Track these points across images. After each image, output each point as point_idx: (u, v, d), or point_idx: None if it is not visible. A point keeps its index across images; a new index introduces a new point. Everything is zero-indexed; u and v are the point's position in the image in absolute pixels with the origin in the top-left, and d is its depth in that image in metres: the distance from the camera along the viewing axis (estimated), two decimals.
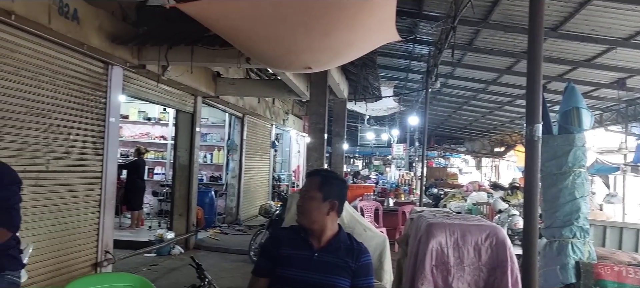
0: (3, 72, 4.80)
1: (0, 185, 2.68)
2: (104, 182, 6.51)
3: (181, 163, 9.68)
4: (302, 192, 2.59)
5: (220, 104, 10.77)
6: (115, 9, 6.36)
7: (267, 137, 15.28)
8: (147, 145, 11.77)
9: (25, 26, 4.88)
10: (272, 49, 4.55)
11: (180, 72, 7.76)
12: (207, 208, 11.11)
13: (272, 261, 2.49)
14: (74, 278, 5.77)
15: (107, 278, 3.07)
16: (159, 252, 8.66)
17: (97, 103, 6.35)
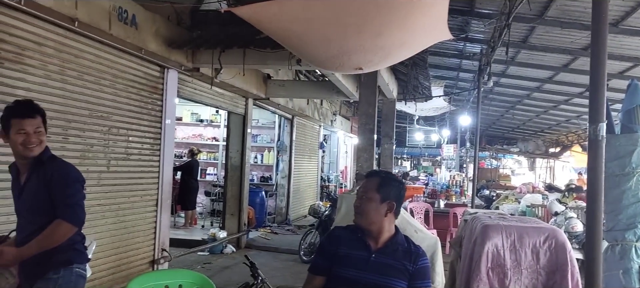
0: (68, 77, 5.06)
1: (65, 183, 2.77)
2: (160, 182, 6.74)
3: (233, 164, 9.89)
4: (359, 192, 2.60)
5: (270, 106, 10.94)
6: (171, 14, 6.57)
7: (316, 138, 15.37)
8: (199, 146, 12.09)
9: (88, 32, 5.10)
10: (323, 50, 4.58)
11: (232, 75, 7.94)
12: (258, 208, 11.29)
13: (329, 260, 2.51)
14: (132, 274, 6.01)
15: (169, 274, 3.18)
16: (212, 251, 8.88)
17: (154, 105, 6.59)
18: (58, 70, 4.92)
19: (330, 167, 18.72)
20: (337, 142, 19.22)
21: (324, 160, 17.63)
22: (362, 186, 2.62)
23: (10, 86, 4.37)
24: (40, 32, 4.64)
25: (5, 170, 3.24)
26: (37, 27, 4.60)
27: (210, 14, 7.12)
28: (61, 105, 4.96)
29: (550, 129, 19.48)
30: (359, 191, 2.62)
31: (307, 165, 14.59)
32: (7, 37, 4.30)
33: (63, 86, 4.99)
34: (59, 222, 2.72)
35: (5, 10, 4.22)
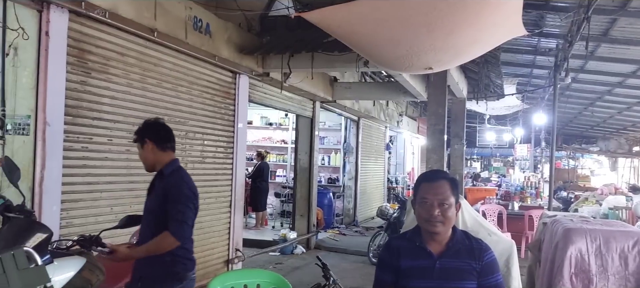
0: (148, 85, 5.34)
1: (178, 200, 3.04)
2: (233, 184, 6.96)
3: (302, 166, 10.03)
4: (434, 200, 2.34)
5: (336, 108, 11.01)
6: (242, 21, 6.78)
7: (382, 139, 15.28)
8: (268, 149, 12.38)
9: (166, 42, 5.37)
10: (392, 51, 4.56)
11: (300, 79, 8.06)
12: (326, 210, 11.38)
13: (393, 273, 2.39)
14: (209, 273, 6.25)
15: (247, 274, 3.28)
16: (283, 251, 9.05)
17: (227, 110, 6.82)
18: (139, 79, 5.21)
19: (397, 168, 18.53)
20: (404, 143, 18.99)
21: (390, 162, 17.47)
22: (433, 193, 2.36)
23: (97, 94, 4.68)
24: (122, 43, 4.93)
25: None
26: (120, 38, 4.89)
27: (279, 19, 7.28)
28: (142, 112, 5.23)
29: (634, 127, 18.21)
30: (432, 199, 2.35)
31: (373, 167, 14.52)
32: (94, 48, 4.61)
33: (144, 93, 5.28)
34: (167, 235, 2.98)
35: (92, 24, 4.52)
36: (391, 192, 15.85)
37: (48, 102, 4.02)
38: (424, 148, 20.18)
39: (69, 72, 4.28)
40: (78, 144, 4.47)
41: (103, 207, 4.72)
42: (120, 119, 4.95)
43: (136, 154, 4.56)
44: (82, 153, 4.53)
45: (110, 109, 4.80)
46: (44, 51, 4.00)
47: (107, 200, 4.75)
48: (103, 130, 4.76)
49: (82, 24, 4.40)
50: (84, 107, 4.50)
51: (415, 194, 2.40)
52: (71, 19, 4.24)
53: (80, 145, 4.50)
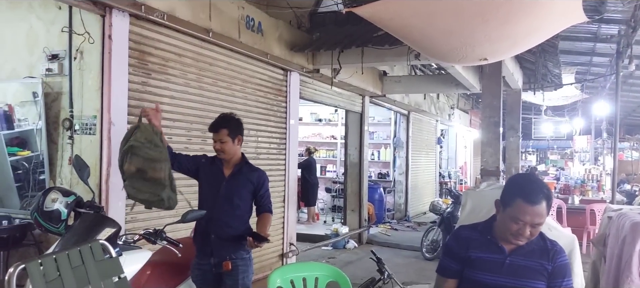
0: (204, 84, 5.49)
1: (267, 187, 3.65)
2: (286, 179, 7.06)
3: (352, 161, 10.04)
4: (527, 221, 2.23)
5: (386, 102, 10.93)
6: (292, 19, 6.86)
7: (432, 133, 15.05)
8: (318, 145, 12.46)
9: (220, 41, 5.50)
10: (446, 43, 4.49)
11: (350, 74, 8.07)
12: (377, 205, 11.34)
13: (459, 263, 2.41)
14: (264, 267, 6.39)
15: (306, 267, 3.35)
16: (335, 246, 9.10)
17: (279, 107, 6.92)
18: (196, 78, 5.37)
19: (449, 162, 18.20)
20: (455, 136, 18.61)
21: (442, 156, 17.18)
22: (529, 216, 2.22)
23: (157, 94, 4.85)
24: (180, 44, 5.10)
25: None
26: (177, 39, 5.06)
27: (328, 16, 7.31)
28: (200, 110, 5.40)
29: None
30: (528, 220, 2.23)
31: (424, 161, 14.33)
32: (153, 50, 4.79)
33: (200, 92, 5.44)
34: (268, 214, 3.58)
35: (151, 27, 4.70)
36: (443, 186, 15.60)
37: (112, 103, 4.21)
38: (476, 142, 19.76)
39: (131, 73, 4.46)
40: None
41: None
42: (179, 117, 5.12)
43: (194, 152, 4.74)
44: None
45: (169, 108, 4.97)
46: (107, 54, 4.19)
47: None
48: (164, 129, 4.85)
49: (142, 26, 4.58)
50: (145, 106, 4.67)
51: (507, 202, 2.27)
52: (132, 22, 4.41)
53: None
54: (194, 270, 3.57)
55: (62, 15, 4.31)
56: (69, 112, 4.31)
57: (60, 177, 4.40)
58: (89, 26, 4.14)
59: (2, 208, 4.85)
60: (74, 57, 4.23)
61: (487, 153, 6.99)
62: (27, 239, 4.45)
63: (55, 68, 4.34)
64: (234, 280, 3.50)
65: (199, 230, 3.58)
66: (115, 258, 1.96)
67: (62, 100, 4.38)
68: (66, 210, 3.05)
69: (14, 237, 4.33)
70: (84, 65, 4.23)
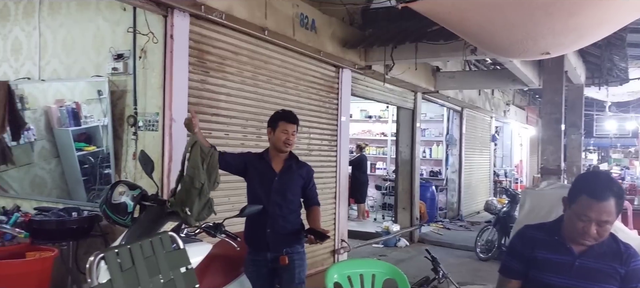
0: (259, 82, 5.58)
1: (313, 181, 3.73)
2: (338, 176, 7.08)
3: (403, 159, 9.95)
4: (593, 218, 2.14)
5: (438, 99, 10.76)
6: (345, 15, 6.85)
7: (487, 130, 14.68)
8: (368, 142, 12.42)
9: (275, 39, 5.57)
10: (506, 37, 4.36)
11: (402, 70, 7.98)
12: (429, 203, 11.20)
13: (524, 263, 2.32)
14: (316, 263, 6.43)
15: (363, 264, 3.36)
16: (386, 243, 9.05)
17: (330, 104, 6.94)
18: (251, 76, 5.46)
19: (504, 160, 17.70)
20: (511, 134, 18.07)
21: (496, 154, 16.73)
22: (596, 213, 2.13)
23: (215, 92, 4.98)
24: (236, 42, 5.20)
25: None
26: (234, 38, 5.16)
27: (380, 11, 7.25)
28: (255, 108, 5.49)
29: None
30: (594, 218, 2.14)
31: (478, 159, 14.00)
32: (212, 49, 4.92)
33: (255, 90, 5.53)
34: (318, 208, 3.69)
35: (210, 26, 4.82)
36: (498, 185, 15.19)
37: (173, 100, 4.36)
38: (533, 139, 19.10)
39: (191, 71, 4.60)
40: None
41: (221, 196, 5.01)
42: (235, 114, 5.23)
43: (250, 148, 4.84)
44: None
45: (226, 105, 5.09)
46: (169, 53, 4.33)
47: (224, 191, 5.03)
48: (220, 125, 5.06)
49: (201, 26, 4.70)
50: (203, 104, 4.82)
51: (573, 198, 2.20)
52: (192, 22, 4.54)
53: None
54: (248, 266, 3.62)
55: (127, 16, 4.49)
56: (133, 109, 4.49)
57: (124, 171, 4.59)
58: (152, 26, 4.29)
59: (70, 200, 5.12)
60: (138, 56, 4.40)
61: (547, 152, 6.74)
62: (94, 230, 4.67)
63: (121, 67, 4.53)
64: (291, 274, 3.54)
65: (254, 225, 3.63)
66: (182, 249, 2.03)
67: (126, 98, 4.57)
68: (132, 203, 3.17)
69: (82, 228, 4.55)
70: (147, 64, 4.40)
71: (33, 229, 4.45)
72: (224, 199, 5.06)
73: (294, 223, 3.62)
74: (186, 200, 2.92)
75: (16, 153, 5.49)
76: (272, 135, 3.62)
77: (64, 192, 5.29)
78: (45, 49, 5.19)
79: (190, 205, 2.93)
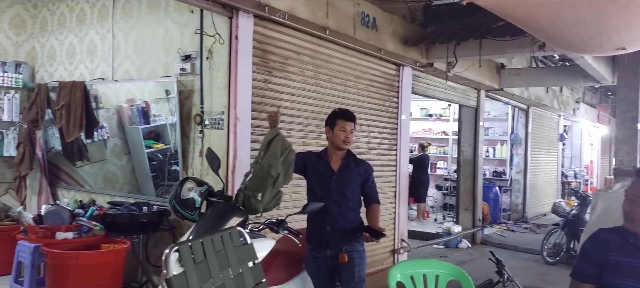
0: (320, 81, 5.62)
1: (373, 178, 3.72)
2: (398, 175, 7.01)
3: (465, 158, 9.72)
4: (630, 195, 2.28)
5: (503, 97, 10.42)
6: (406, 13, 6.78)
7: (554, 130, 14.07)
8: (429, 141, 12.22)
9: (336, 38, 5.59)
10: (578, 32, 4.16)
11: (465, 67, 7.80)
12: (492, 204, 10.88)
13: (597, 267, 2.26)
14: (375, 262, 6.41)
15: (426, 264, 3.32)
16: (447, 244, 8.88)
17: (391, 103, 6.88)
18: (312, 75, 5.51)
19: (572, 161, 16.89)
20: (580, 133, 17.21)
21: (565, 154, 16.00)
22: (632, 188, 2.28)
23: (277, 91, 5.07)
24: (298, 42, 5.27)
25: None
26: (296, 38, 5.23)
27: (443, 8, 7.13)
28: (316, 106, 5.54)
29: None
30: (629, 193, 2.29)
31: (545, 159, 13.45)
32: (275, 49, 5.00)
33: (316, 89, 5.57)
34: (377, 205, 3.67)
35: (273, 26, 4.91)
36: (566, 187, 14.53)
37: (238, 100, 4.47)
38: (605, 139, 18.11)
39: (255, 71, 4.70)
40: (263, 136, 4.88)
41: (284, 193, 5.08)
42: (297, 113, 5.30)
43: (311, 146, 4.89)
44: None
45: (288, 104, 5.17)
46: (234, 54, 4.45)
47: (287, 188, 5.09)
48: (283, 124, 5.10)
49: (265, 26, 4.80)
50: (266, 103, 4.91)
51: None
52: (255, 23, 4.65)
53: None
54: (309, 262, 3.66)
55: (194, 18, 4.66)
56: (200, 108, 4.65)
57: (191, 168, 4.77)
58: (218, 28, 4.43)
59: (140, 195, 5.37)
60: (205, 57, 4.55)
61: (622, 152, 6.38)
62: (163, 224, 4.88)
63: (188, 67, 4.71)
64: (350, 272, 3.55)
65: (314, 223, 3.67)
66: (250, 244, 2.09)
67: (193, 97, 4.74)
68: (200, 199, 3.30)
69: (152, 222, 4.78)
70: (214, 65, 4.54)
71: (107, 222, 4.72)
72: (286, 196, 5.09)
73: (353, 221, 3.63)
74: (260, 187, 3.01)
75: (91, 150, 5.84)
76: (330, 134, 3.64)
77: (134, 187, 5.56)
78: (118, 51, 5.48)
79: (263, 192, 3.02)
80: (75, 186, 5.96)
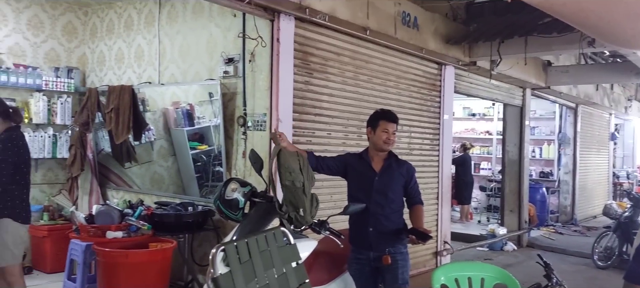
0: (360, 81, 5.61)
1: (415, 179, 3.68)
2: (440, 176, 6.91)
3: (510, 159, 9.49)
4: None
5: (550, 95, 10.10)
6: (448, 11, 6.68)
7: (605, 129, 13.54)
8: (472, 141, 11.99)
9: (376, 39, 5.56)
10: (630, 27, 3.98)
11: (509, 65, 7.62)
12: (539, 206, 10.55)
13: None
14: (417, 264, 6.34)
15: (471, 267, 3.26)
16: (492, 247, 8.67)
17: (432, 102, 6.79)
18: (352, 76, 5.51)
19: (624, 161, 16.20)
20: (633, 132, 16.49)
21: (616, 154, 15.36)
22: None
23: (318, 93, 5.09)
24: (338, 43, 5.27)
25: None
26: (336, 39, 5.24)
27: (486, 5, 6.98)
28: (356, 107, 5.53)
29: None
30: None
31: (595, 159, 12.95)
32: (315, 50, 5.03)
33: (356, 90, 5.56)
34: (421, 206, 3.64)
35: (314, 28, 4.93)
36: (618, 188, 13.94)
37: (280, 101, 4.52)
38: None
39: (296, 73, 4.74)
40: (304, 137, 4.93)
41: (325, 194, 5.11)
42: (337, 114, 5.31)
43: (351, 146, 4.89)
44: (307, 146, 4.94)
45: (328, 105, 5.19)
46: (276, 56, 4.50)
47: (327, 188, 5.13)
48: (323, 125, 5.16)
49: (305, 28, 4.83)
50: (307, 104, 4.94)
51: None
52: (296, 25, 4.68)
53: (305, 138, 4.96)
54: (351, 264, 3.65)
55: (237, 22, 4.75)
56: (243, 110, 4.73)
57: (235, 169, 4.86)
58: (260, 31, 4.49)
59: (185, 195, 5.51)
60: (248, 59, 4.63)
61: None
62: (207, 224, 4.99)
63: (231, 70, 4.80)
64: (394, 274, 3.52)
65: (357, 224, 3.65)
66: (293, 244, 2.11)
67: (236, 100, 4.83)
68: (243, 200, 3.34)
69: (197, 222, 4.89)
70: (256, 67, 4.61)
71: (154, 222, 4.87)
72: (327, 197, 5.15)
73: (396, 222, 3.60)
74: (296, 204, 3.02)
75: (138, 151, 6.03)
76: (372, 135, 3.59)
77: (180, 188, 5.71)
78: (164, 55, 5.64)
79: (302, 206, 3.02)
80: (123, 187, 6.17)
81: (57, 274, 5.50)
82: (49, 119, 6.18)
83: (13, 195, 3.85)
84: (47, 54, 6.38)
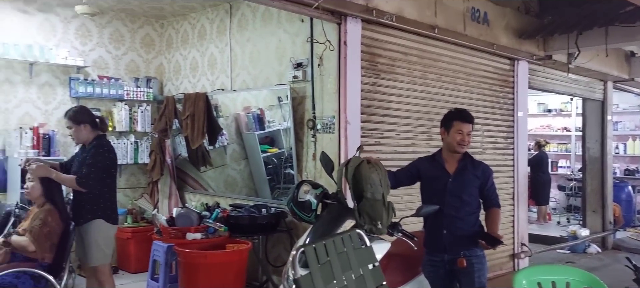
0: (428, 80, 5.52)
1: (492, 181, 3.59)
2: (515, 175, 6.66)
3: (591, 156, 8.98)
4: None
5: (635, 87, 9.46)
6: (519, 5, 6.44)
7: None
8: (548, 138, 11.46)
9: (445, 36, 5.46)
10: None
11: (588, 58, 7.22)
12: (624, 205, 9.91)
13: None
14: (493, 267, 6.14)
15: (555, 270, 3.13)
16: (573, 249, 8.23)
17: (505, 99, 6.56)
18: (420, 75, 5.43)
19: None
20: None
21: None
22: None
23: (386, 94, 5.07)
24: (406, 43, 5.22)
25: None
26: (404, 39, 5.19)
27: None
28: (425, 107, 5.45)
29: None
30: None
31: None
32: (382, 52, 5.01)
33: (425, 89, 5.48)
34: (497, 210, 3.54)
35: (380, 29, 4.92)
36: None
37: (348, 104, 4.55)
38: None
39: (363, 75, 4.74)
40: (372, 139, 4.92)
41: (395, 196, 5.07)
42: (406, 114, 5.26)
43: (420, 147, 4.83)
44: (376, 147, 4.96)
45: (397, 106, 5.15)
46: (343, 59, 4.54)
47: (397, 190, 5.08)
48: (392, 126, 5.13)
49: (372, 30, 4.83)
50: (375, 105, 4.93)
51: None
52: (363, 27, 4.69)
53: (374, 140, 4.95)
54: (426, 266, 3.60)
55: (305, 27, 4.83)
56: (312, 113, 4.80)
57: (305, 171, 4.93)
58: (328, 34, 4.54)
59: (257, 198, 5.66)
60: (316, 63, 4.69)
61: None
62: (280, 226, 5.10)
63: (300, 75, 4.88)
64: (470, 278, 3.43)
65: (431, 226, 3.59)
66: (369, 247, 2.11)
67: (305, 103, 4.91)
68: (316, 201, 3.39)
69: (270, 224, 5.01)
70: (324, 71, 4.66)
71: (230, 224, 5.04)
72: (397, 199, 5.11)
73: (472, 225, 3.50)
74: (375, 215, 2.99)
75: (213, 155, 6.26)
76: (446, 136, 3.49)
77: (252, 191, 5.88)
78: (235, 62, 5.84)
79: (379, 219, 2.99)
80: (200, 190, 6.43)
81: (140, 274, 5.81)
82: (130, 126, 6.56)
83: (104, 198, 4.10)
84: (127, 65, 6.78)
